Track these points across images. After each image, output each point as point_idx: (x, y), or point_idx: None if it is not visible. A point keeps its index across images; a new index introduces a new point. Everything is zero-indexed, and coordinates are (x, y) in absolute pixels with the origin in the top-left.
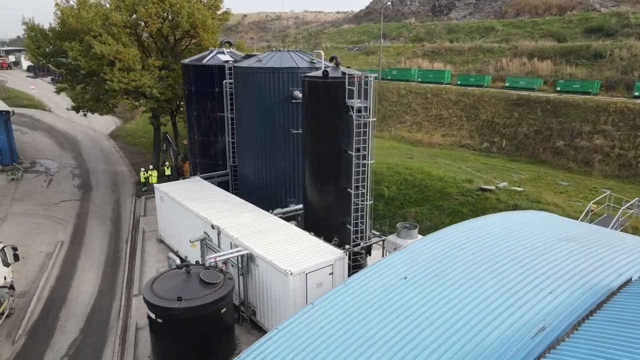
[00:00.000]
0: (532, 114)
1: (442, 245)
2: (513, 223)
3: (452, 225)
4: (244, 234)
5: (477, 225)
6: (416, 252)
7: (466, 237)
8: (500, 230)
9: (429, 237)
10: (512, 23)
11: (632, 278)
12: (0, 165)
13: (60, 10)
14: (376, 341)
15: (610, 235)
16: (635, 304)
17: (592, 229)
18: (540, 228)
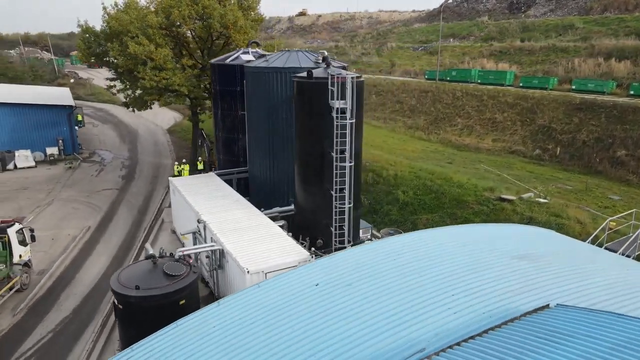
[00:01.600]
0: (595, 119)
1: (372, 254)
2: (473, 236)
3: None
4: (224, 229)
5: (425, 237)
6: (342, 259)
7: (404, 248)
8: (447, 243)
9: (367, 245)
10: (595, 20)
11: (549, 304)
12: (63, 154)
13: (107, 13)
14: (250, 347)
15: (583, 258)
16: (519, 333)
17: (575, 248)
18: (500, 243)
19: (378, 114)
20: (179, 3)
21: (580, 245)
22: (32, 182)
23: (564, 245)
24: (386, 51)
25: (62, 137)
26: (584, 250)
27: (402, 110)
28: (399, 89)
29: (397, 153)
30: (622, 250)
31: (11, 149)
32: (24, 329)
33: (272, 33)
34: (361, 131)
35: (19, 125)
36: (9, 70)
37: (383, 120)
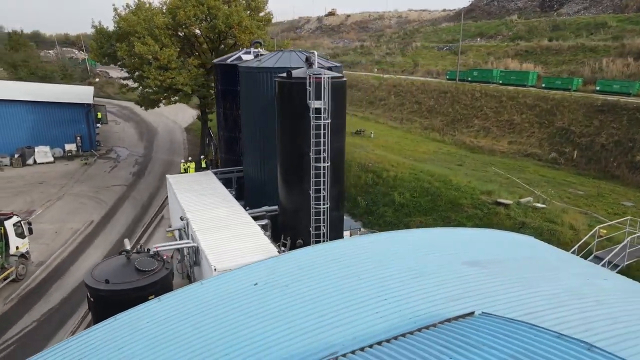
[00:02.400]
0: (617, 122)
1: (319, 257)
2: (435, 240)
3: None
4: (204, 227)
5: (383, 239)
6: (287, 260)
7: (354, 251)
8: (402, 247)
9: (318, 246)
10: (629, 18)
11: (474, 312)
12: (81, 151)
13: (118, 14)
14: (173, 344)
15: (543, 266)
16: (425, 340)
17: (544, 256)
18: (459, 249)
19: (396, 114)
20: (185, 4)
21: (554, 253)
22: (48, 177)
23: (533, 253)
24: (410, 51)
25: (80, 134)
26: (552, 259)
27: (420, 110)
28: (418, 90)
29: (407, 154)
30: (610, 258)
31: (31, 145)
32: (12, 318)
33: (301, 33)
34: (343, 132)
35: (39, 123)
36: (39, 70)
37: (400, 120)
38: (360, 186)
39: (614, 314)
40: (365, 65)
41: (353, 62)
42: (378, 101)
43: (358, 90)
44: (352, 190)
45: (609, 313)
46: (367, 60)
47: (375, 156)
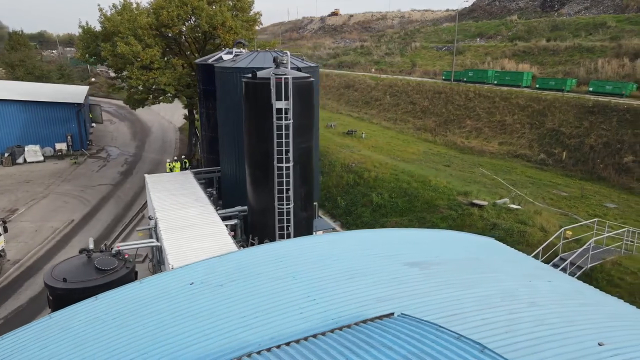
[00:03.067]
0: (606, 123)
1: (260, 256)
2: (387, 240)
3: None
4: (170, 227)
5: (332, 239)
6: (228, 260)
7: (298, 251)
8: (349, 247)
9: (263, 246)
10: (628, 18)
11: (394, 313)
12: (72, 150)
13: (103, 14)
14: (96, 343)
15: (488, 267)
16: (332, 341)
17: (494, 258)
18: (406, 249)
19: (391, 114)
20: (169, 4)
21: (508, 254)
22: (37, 176)
23: (485, 254)
24: (410, 51)
25: (71, 133)
26: (501, 260)
27: (414, 111)
28: (413, 90)
29: (396, 155)
30: (574, 259)
31: (22, 144)
32: None
33: (304, 33)
34: (311, 132)
35: (30, 122)
36: (36, 70)
37: (394, 121)
38: (342, 186)
39: (542, 316)
40: (365, 66)
41: (353, 63)
42: (374, 101)
43: (355, 91)
44: (333, 191)
45: (537, 315)
46: (367, 60)
47: (360, 156)
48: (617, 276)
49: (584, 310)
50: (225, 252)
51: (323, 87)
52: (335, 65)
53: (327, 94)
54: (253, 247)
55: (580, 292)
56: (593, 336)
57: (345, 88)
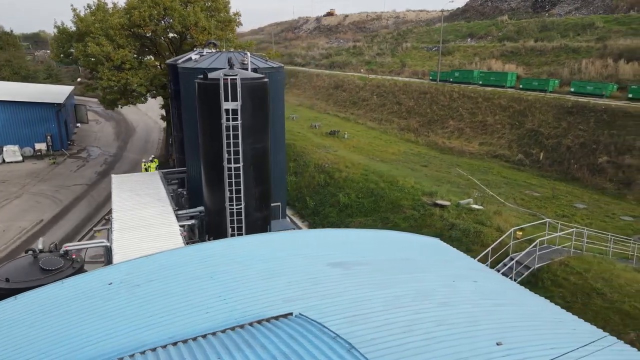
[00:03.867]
0: (584, 124)
1: (186, 256)
2: (322, 240)
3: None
4: (124, 227)
5: (259, 240)
6: (153, 260)
7: (225, 251)
8: (278, 247)
9: (195, 246)
10: (616, 19)
11: (292, 313)
12: (51, 150)
13: (76, 15)
14: (3, 344)
15: (417, 267)
16: (216, 340)
17: (429, 258)
18: (336, 250)
19: (377, 114)
20: (141, 4)
21: (445, 254)
22: (13, 176)
23: (417, 254)
24: (401, 51)
25: (50, 133)
26: (433, 260)
27: (400, 111)
28: (400, 90)
29: (376, 155)
30: (520, 259)
31: (0, 144)
32: None
33: (300, 33)
34: (266, 133)
35: (8, 122)
36: (22, 70)
37: (379, 121)
38: (313, 187)
39: (447, 316)
40: (355, 66)
41: (344, 63)
42: (361, 102)
43: (343, 91)
44: (304, 191)
45: (443, 315)
46: (358, 60)
47: (334, 157)
48: (562, 276)
49: (497, 310)
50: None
51: (313, 87)
52: (327, 65)
53: (316, 95)
54: (182, 247)
55: (503, 292)
56: (495, 336)
57: (334, 88)
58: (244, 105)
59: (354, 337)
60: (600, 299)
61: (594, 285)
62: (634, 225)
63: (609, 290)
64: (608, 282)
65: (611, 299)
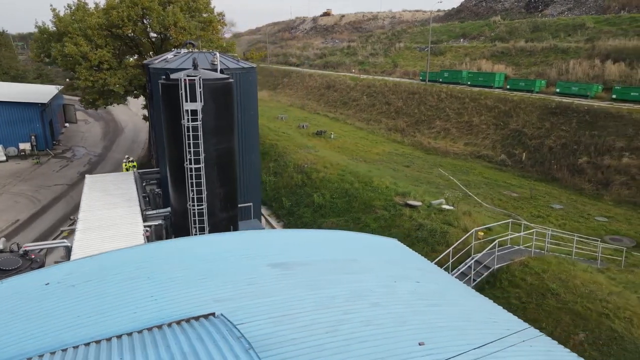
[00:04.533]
0: (566, 125)
1: (135, 255)
2: (262, 242)
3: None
4: (88, 227)
5: (213, 240)
6: (98, 259)
7: (172, 252)
8: (226, 248)
9: (146, 246)
10: (607, 19)
11: (215, 313)
12: (36, 150)
13: (55, 15)
14: None
15: (361, 268)
16: (129, 339)
17: (380, 259)
18: (280, 250)
19: (366, 115)
20: (120, 4)
21: (398, 255)
22: None
23: (367, 255)
24: (394, 52)
25: (35, 133)
26: (382, 260)
27: (389, 111)
28: (390, 91)
29: (360, 155)
30: (480, 258)
31: None
32: None
33: (296, 34)
34: (231, 133)
35: None
36: (12, 70)
37: (367, 121)
38: (291, 187)
39: (376, 317)
40: (348, 66)
41: (338, 63)
42: (351, 102)
43: (335, 91)
44: (282, 191)
45: (372, 315)
46: (352, 60)
47: (315, 157)
48: (520, 277)
49: (430, 310)
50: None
51: (305, 87)
52: (321, 65)
53: (308, 95)
54: (126, 248)
55: (442, 293)
56: (420, 336)
57: (326, 88)
58: (206, 106)
59: (276, 336)
60: (554, 299)
61: (549, 285)
62: (607, 226)
63: (563, 291)
64: (564, 282)
65: (564, 299)
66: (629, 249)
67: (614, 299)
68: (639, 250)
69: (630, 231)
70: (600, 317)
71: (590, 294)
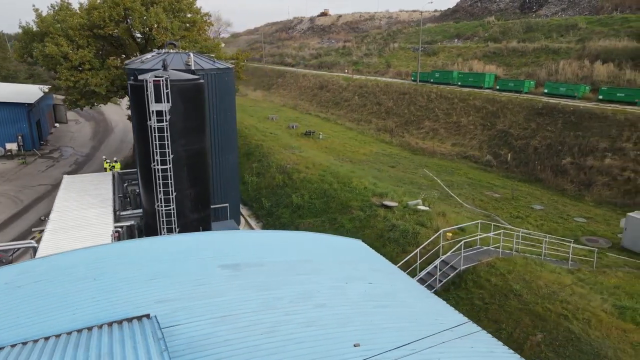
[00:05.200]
0: (552, 125)
1: (87, 256)
2: (219, 243)
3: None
4: (58, 227)
5: (173, 240)
6: (51, 260)
7: (125, 253)
8: (173, 249)
9: (100, 247)
10: (599, 20)
11: (150, 314)
12: (23, 150)
13: (38, 15)
14: None
15: (315, 269)
16: (53, 342)
17: (335, 259)
18: (235, 252)
19: (357, 115)
20: (102, 5)
21: (357, 256)
22: None
23: (325, 256)
24: (388, 52)
25: (21, 133)
26: (339, 260)
27: (379, 112)
28: (381, 91)
29: (346, 156)
30: (447, 259)
31: None
32: None
33: (293, 34)
34: (202, 134)
35: None
36: (3, 69)
37: (358, 121)
38: (272, 187)
39: (318, 318)
40: (343, 66)
41: (332, 63)
42: (343, 102)
43: (327, 91)
44: (263, 191)
45: (315, 316)
46: (346, 61)
47: (298, 158)
48: (485, 278)
49: (376, 311)
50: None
51: (299, 87)
52: (316, 65)
53: (301, 95)
54: (83, 249)
55: (394, 294)
56: (360, 337)
57: (319, 89)
58: (175, 107)
59: (214, 337)
60: (516, 300)
61: (513, 286)
62: (586, 226)
63: (526, 292)
64: (527, 283)
65: (526, 300)
66: (604, 249)
67: (575, 300)
68: (614, 251)
69: (608, 232)
70: (558, 318)
71: (551, 295)
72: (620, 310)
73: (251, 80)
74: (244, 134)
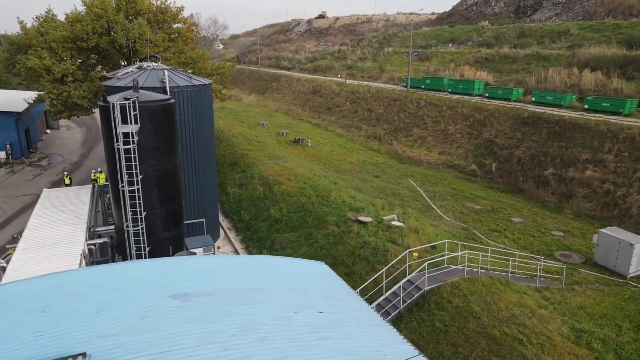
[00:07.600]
0: (537, 135)
1: (31, 288)
2: (173, 270)
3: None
4: (28, 246)
5: (130, 267)
6: (4, 290)
7: (71, 282)
8: (121, 278)
9: (37, 278)
10: (591, 26)
11: (86, 353)
12: (11, 158)
13: (22, 27)
14: None
15: (265, 298)
16: None
17: (275, 284)
18: (184, 280)
19: (348, 121)
20: (85, 17)
21: (313, 281)
22: None
23: (279, 283)
24: (382, 56)
25: (10, 141)
26: (289, 289)
27: (370, 119)
28: (372, 97)
29: (333, 165)
30: (413, 279)
31: None
32: None
33: (291, 36)
34: (172, 153)
35: None
36: None
37: (348, 128)
38: (253, 200)
39: (256, 353)
40: (338, 70)
41: (327, 67)
42: (335, 108)
43: (320, 97)
44: (244, 204)
45: (253, 351)
46: (341, 65)
47: (281, 169)
48: (447, 299)
49: (318, 345)
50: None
51: (293, 92)
52: (311, 69)
53: (295, 100)
54: (33, 278)
55: (342, 325)
56: None
57: (312, 94)
58: (144, 128)
59: None
60: (475, 323)
61: (474, 309)
62: (562, 241)
63: (486, 315)
64: (488, 305)
65: (484, 323)
66: (577, 265)
67: (534, 324)
68: (587, 267)
69: (583, 247)
70: (514, 343)
71: (510, 319)
72: (577, 334)
73: (247, 84)
74: (231, 143)
